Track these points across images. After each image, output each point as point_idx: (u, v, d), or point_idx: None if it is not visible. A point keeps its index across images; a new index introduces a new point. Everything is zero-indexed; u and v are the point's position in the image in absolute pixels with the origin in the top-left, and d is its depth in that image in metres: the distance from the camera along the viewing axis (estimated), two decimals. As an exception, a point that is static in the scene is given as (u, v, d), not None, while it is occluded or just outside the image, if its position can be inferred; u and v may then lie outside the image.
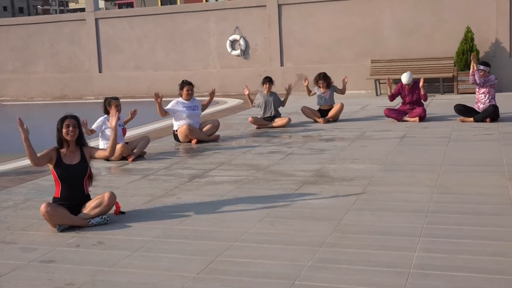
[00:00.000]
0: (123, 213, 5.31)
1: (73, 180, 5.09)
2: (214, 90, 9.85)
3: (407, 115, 10.12)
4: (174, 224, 4.96)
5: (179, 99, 9.25)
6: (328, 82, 10.77)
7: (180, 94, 9.28)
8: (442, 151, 7.43)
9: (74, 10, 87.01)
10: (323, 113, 10.70)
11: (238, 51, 17.32)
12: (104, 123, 8.00)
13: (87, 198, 5.19)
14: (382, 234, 4.43)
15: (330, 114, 10.61)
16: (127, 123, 8.64)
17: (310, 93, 10.99)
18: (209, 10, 17.87)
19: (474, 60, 9.85)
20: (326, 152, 7.84)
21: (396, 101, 11.02)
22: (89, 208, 5.04)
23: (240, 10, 17.41)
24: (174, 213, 5.29)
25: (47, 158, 5.11)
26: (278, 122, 10.29)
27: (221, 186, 6.24)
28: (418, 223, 4.62)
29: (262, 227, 4.75)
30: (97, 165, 7.70)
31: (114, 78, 18.81)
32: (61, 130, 5.12)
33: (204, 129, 9.27)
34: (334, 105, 10.74)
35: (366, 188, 5.82)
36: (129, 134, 9.07)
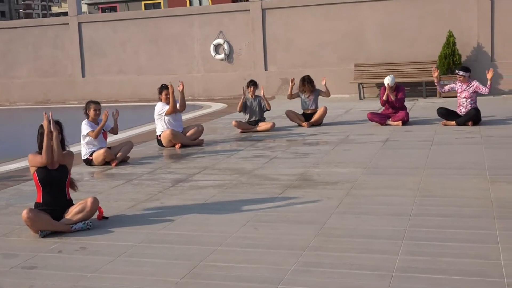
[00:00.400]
0: (106, 218, 5.28)
1: (54, 185, 5.05)
2: (175, 87, 9.19)
3: (390, 119, 10.18)
4: (158, 229, 4.94)
5: (163, 103, 9.21)
6: (312, 85, 10.80)
7: (159, 98, 9.26)
8: (425, 155, 7.48)
9: (57, 14, 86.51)
10: (307, 117, 10.73)
11: (222, 55, 17.33)
12: (85, 126, 7.94)
13: (70, 203, 5.15)
14: (365, 237, 4.45)
15: (314, 118, 10.64)
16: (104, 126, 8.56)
17: (292, 96, 10.94)
18: (193, 15, 17.86)
19: (435, 75, 10.14)
20: (310, 156, 7.86)
21: (379, 105, 11.08)
22: (71, 213, 5.00)
23: (224, 14, 17.42)
24: (158, 217, 5.27)
25: (38, 159, 5.06)
26: (262, 126, 10.30)
27: (205, 190, 6.23)
28: (401, 226, 4.65)
29: (245, 231, 4.75)
30: (80, 170, 7.66)
31: (97, 82, 18.71)
32: (43, 135, 5.06)
33: (188, 133, 9.25)
34: (318, 109, 10.78)
35: (350, 191, 5.85)
36: (112, 139, 9.02)
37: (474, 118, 9.66)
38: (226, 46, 17.22)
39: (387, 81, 10.11)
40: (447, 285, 3.53)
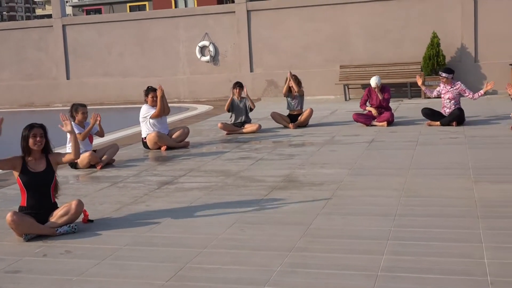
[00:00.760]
0: (92, 221, 5.26)
1: (39, 188, 5.02)
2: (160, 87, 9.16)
3: (376, 120, 10.23)
4: (143, 231, 4.93)
5: (148, 105, 9.19)
6: (299, 84, 10.76)
7: (145, 101, 9.23)
8: (410, 155, 7.53)
9: (41, 16, 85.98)
10: (293, 118, 10.75)
11: (207, 57, 17.31)
12: (75, 128, 7.89)
13: (54, 206, 5.12)
14: (351, 238, 4.47)
15: (300, 119, 10.66)
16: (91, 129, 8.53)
17: (288, 92, 10.79)
18: (178, 17, 17.83)
19: (418, 80, 10.33)
20: (295, 157, 7.88)
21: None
22: (56, 216, 4.97)
23: (209, 16, 17.42)
24: (143, 220, 5.26)
25: (9, 164, 5.03)
26: (248, 128, 10.31)
27: (190, 192, 6.22)
28: (386, 226, 4.67)
29: (232, 233, 4.75)
30: (65, 173, 7.62)
31: (82, 85, 18.61)
32: (27, 138, 5.03)
33: (173, 135, 9.23)
34: (303, 110, 10.80)
35: (335, 192, 5.87)
36: (97, 141, 8.99)
37: (458, 118, 9.74)
38: (211, 48, 17.21)
39: (374, 81, 10.17)
40: (432, 284, 3.56)
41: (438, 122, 9.84)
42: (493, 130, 9.20)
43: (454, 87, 9.93)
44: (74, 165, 7.89)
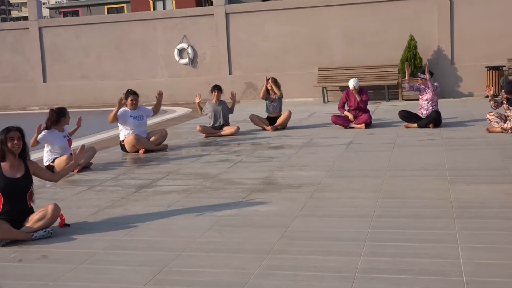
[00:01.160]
0: (68, 225, 5.21)
1: (16, 194, 4.96)
2: (161, 92, 9.64)
3: (354, 122, 10.30)
4: (121, 235, 4.90)
5: (126, 109, 9.15)
6: (278, 86, 10.78)
7: (125, 104, 9.19)
8: (387, 157, 7.59)
9: (17, 18, 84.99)
10: (272, 120, 10.77)
11: (186, 60, 17.28)
12: (49, 135, 7.79)
13: (30, 211, 5.05)
14: (329, 239, 4.49)
15: (279, 121, 10.68)
16: (75, 133, 8.48)
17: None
18: (156, 19, 17.77)
19: (407, 68, 10.29)
20: (274, 159, 7.89)
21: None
22: (32, 221, 4.91)
23: (187, 18, 17.38)
24: (121, 224, 5.22)
25: None
26: (226, 130, 10.30)
27: (169, 195, 6.20)
28: (364, 228, 4.70)
29: (210, 236, 4.75)
30: (41, 177, 7.53)
31: (59, 88, 18.44)
32: (5, 142, 4.96)
33: (151, 138, 9.19)
34: (282, 112, 10.83)
35: (313, 194, 5.89)
36: (74, 145, 8.90)
37: (435, 120, 9.84)
38: (190, 50, 17.18)
39: (352, 83, 10.23)
40: (408, 284, 3.59)
41: (415, 124, 9.93)
42: (469, 131, 9.32)
43: (436, 86, 10.02)
44: (51, 168, 7.81)
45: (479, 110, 11.53)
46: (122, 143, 9.10)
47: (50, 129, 7.77)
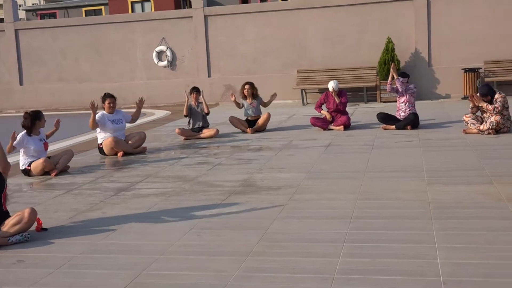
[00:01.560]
0: (45, 229, 5.15)
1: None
2: (142, 99, 9.63)
3: (332, 124, 10.34)
4: (99, 239, 4.85)
5: (104, 112, 9.09)
6: (254, 91, 10.82)
7: (103, 107, 9.12)
8: (366, 158, 7.63)
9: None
10: (251, 123, 10.78)
11: (165, 62, 17.21)
12: (24, 139, 7.71)
13: (6, 215, 4.98)
14: (308, 241, 4.50)
15: (258, 124, 10.69)
16: (52, 136, 8.39)
17: (240, 105, 10.99)
18: (135, 21, 17.67)
19: (394, 70, 10.21)
20: (253, 161, 7.89)
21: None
22: (8, 225, 4.85)
23: (166, 21, 17.32)
24: (99, 227, 5.18)
25: None
26: (206, 133, 10.28)
27: (147, 198, 6.16)
28: (342, 229, 4.72)
29: (189, 239, 4.73)
30: (18, 181, 7.45)
31: (36, 90, 18.25)
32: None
33: (130, 141, 9.13)
34: (261, 115, 10.84)
35: (293, 196, 5.90)
36: (51, 148, 8.83)
37: (412, 122, 9.93)
38: (169, 53, 17.12)
39: (331, 85, 10.27)
40: (386, 285, 3.61)
41: (393, 126, 10.01)
42: (446, 133, 9.41)
43: (408, 88, 10.09)
44: (27, 172, 7.72)
45: (456, 111, 11.66)
46: (100, 146, 9.03)
47: (30, 131, 7.69)
